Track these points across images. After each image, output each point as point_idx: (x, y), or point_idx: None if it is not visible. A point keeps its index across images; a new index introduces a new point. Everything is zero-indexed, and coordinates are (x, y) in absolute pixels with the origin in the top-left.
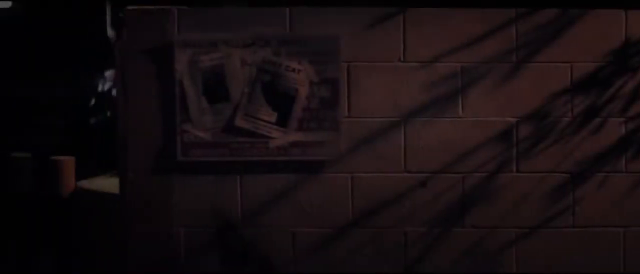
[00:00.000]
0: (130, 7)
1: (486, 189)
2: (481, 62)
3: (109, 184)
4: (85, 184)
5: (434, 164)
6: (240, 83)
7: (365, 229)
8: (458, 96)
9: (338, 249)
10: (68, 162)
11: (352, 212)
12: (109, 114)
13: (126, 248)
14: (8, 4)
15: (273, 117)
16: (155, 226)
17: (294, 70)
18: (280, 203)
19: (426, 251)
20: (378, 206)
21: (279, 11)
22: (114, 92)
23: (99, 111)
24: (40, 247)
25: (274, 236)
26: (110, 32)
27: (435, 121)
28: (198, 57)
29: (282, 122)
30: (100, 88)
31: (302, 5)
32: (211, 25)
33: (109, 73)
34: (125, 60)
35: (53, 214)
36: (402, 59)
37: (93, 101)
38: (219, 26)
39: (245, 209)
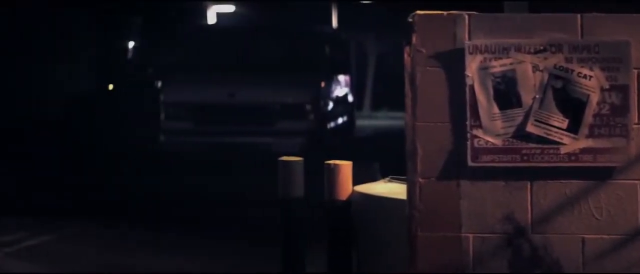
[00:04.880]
0: (420, 12)
1: None
2: None
3: (388, 189)
4: (363, 189)
5: None
6: (531, 89)
7: None
8: None
9: (627, 256)
10: (346, 167)
11: None
12: (345, 118)
13: (413, 252)
14: (231, 8)
15: (564, 124)
16: (443, 232)
17: (585, 76)
18: (570, 209)
19: None
20: None
21: (570, 18)
22: (350, 97)
23: (335, 116)
24: (317, 250)
25: (563, 242)
26: (343, 36)
27: None
28: (489, 63)
29: (573, 128)
30: (335, 93)
31: (593, 12)
32: (502, 31)
33: (343, 78)
34: (415, 65)
35: (330, 218)
36: None
37: (330, 106)
38: (510, 32)
39: (534, 215)
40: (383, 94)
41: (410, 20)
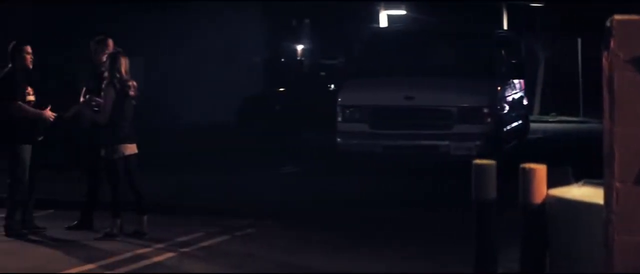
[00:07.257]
0: (617, 17)
1: None
2: None
3: (581, 193)
4: (558, 192)
5: None
6: None
7: None
8: None
9: None
10: (541, 170)
11: None
12: (520, 122)
13: (610, 255)
14: (402, 11)
15: None
16: None
17: None
18: None
19: None
20: None
21: None
22: (524, 101)
23: (511, 119)
24: (506, 251)
25: None
26: (517, 38)
27: None
28: None
29: None
30: (511, 97)
31: None
32: None
33: (518, 81)
34: (612, 70)
35: (525, 220)
36: None
37: (506, 110)
38: None
39: None
40: (552, 97)
41: (608, 24)
